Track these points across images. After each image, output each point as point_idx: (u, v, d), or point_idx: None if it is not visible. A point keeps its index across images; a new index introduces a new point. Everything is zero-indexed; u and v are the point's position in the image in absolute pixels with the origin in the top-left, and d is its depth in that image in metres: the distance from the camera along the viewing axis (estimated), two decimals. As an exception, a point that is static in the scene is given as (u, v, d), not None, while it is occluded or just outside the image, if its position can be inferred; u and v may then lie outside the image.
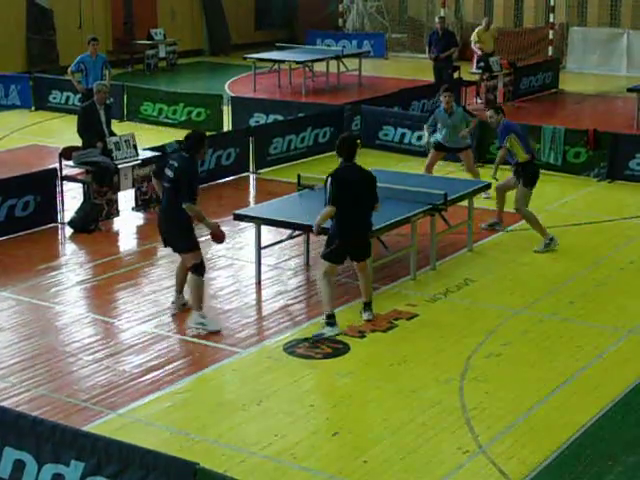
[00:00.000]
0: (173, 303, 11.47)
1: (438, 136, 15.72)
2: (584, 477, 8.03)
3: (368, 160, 18.05)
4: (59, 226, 14.56)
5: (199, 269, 10.89)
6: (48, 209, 14.55)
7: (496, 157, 14.04)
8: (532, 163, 13.67)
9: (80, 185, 14.98)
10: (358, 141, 10.75)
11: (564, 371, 9.94)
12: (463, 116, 15.67)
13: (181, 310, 11.33)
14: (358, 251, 10.98)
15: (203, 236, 11.66)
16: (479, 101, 23.72)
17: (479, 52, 24.27)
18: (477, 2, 32.48)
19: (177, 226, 10.79)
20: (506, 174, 14.13)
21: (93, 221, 14.44)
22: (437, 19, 24.86)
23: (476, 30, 24.94)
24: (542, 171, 17.28)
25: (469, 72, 24.34)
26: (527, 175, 13.53)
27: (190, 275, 10.98)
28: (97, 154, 14.74)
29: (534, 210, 13.79)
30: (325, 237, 10.99)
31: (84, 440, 6.89)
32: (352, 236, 10.83)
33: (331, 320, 10.81)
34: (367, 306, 11.20)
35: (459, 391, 9.49)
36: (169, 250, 11.76)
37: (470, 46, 25.33)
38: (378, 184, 10.95)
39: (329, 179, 10.68)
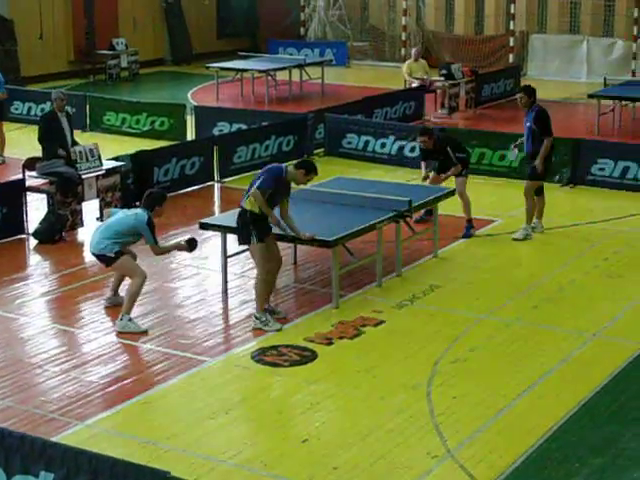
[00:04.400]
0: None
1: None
2: (552, 480, 8.12)
3: (332, 168, 18.18)
4: (26, 237, 14.48)
5: None
6: (14, 221, 14.46)
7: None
8: None
9: (44, 196, 14.92)
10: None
11: (530, 375, 10.01)
12: None
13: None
14: None
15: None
16: (442, 111, 23.77)
17: (414, 83, 23.99)
18: (438, 10, 32.62)
19: None
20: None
21: (58, 232, 14.38)
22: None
23: (406, 63, 24.88)
24: (505, 177, 17.62)
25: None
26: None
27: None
28: (61, 164, 14.68)
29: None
30: None
31: (53, 451, 6.85)
32: None
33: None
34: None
35: (427, 396, 9.53)
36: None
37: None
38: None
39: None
